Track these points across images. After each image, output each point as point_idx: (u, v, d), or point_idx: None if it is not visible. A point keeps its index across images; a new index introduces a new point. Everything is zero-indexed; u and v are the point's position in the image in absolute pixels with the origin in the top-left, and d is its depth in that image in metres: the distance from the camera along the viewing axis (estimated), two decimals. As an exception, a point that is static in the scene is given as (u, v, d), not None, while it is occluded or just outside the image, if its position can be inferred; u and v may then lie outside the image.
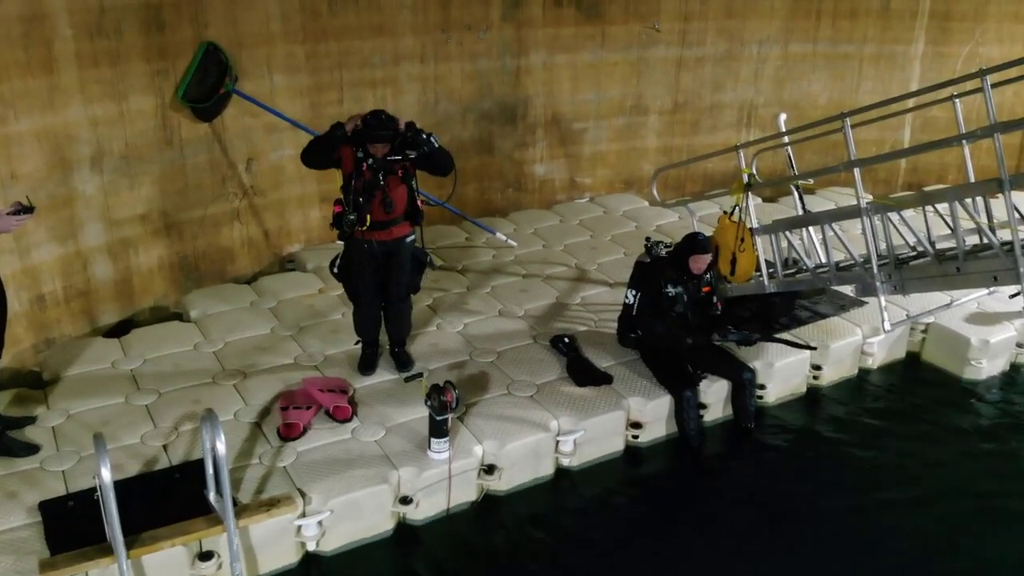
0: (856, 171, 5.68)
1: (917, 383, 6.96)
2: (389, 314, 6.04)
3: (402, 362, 6.14)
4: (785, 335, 6.66)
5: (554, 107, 9.51)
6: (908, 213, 5.95)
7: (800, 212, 7.12)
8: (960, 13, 10.00)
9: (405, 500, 5.18)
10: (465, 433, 5.50)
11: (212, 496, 4.76)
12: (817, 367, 6.72)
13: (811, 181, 7.17)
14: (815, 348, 6.53)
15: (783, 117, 7.28)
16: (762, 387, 6.46)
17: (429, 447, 5.25)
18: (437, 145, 5.63)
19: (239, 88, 7.45)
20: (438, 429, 5.18)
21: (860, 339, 6.84)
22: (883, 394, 6.82)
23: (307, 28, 7.91)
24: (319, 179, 8.22)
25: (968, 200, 5.44)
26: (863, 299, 6.87)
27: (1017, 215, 4.89)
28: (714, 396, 6.22)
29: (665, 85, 9.90)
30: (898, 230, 5.88)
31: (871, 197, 6.20)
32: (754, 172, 7.31)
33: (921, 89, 5.54)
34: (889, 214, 5.75)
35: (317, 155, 5.68)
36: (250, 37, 7.57)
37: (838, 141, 6.77)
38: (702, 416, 6.16)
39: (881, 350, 6.99)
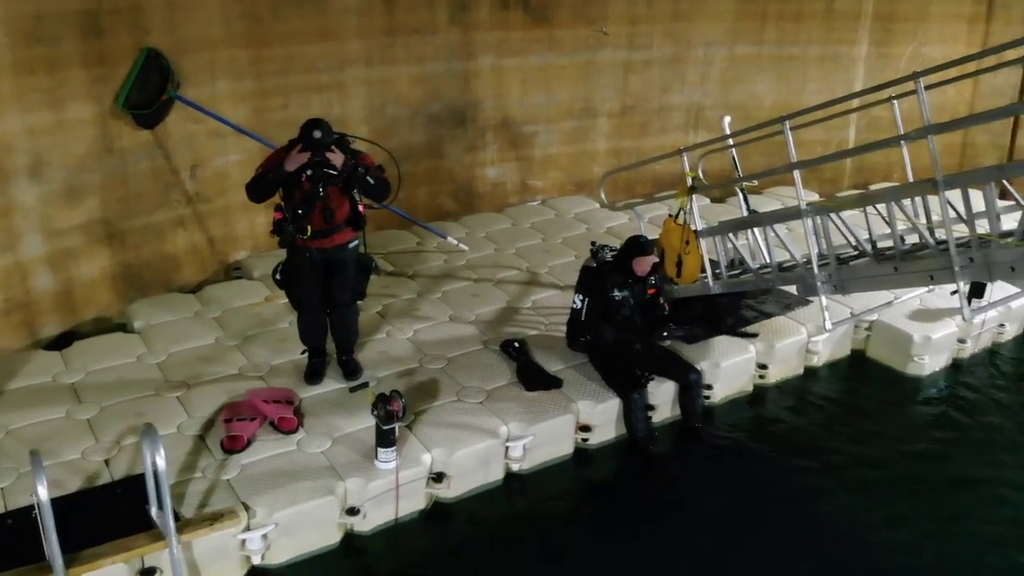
0: (796, 173, 5.75)
1: (862, 380, 7.09)
2: (335, 321, 5.98)
3: (350, 370, 6.08)
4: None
5: (504, 110, 9.50)
6: (855, 213, 6.06)
7: (745, 213, 7.20)
8: (903, 14, 10.20)
9: (352, 511, 5.13)
10: (413, 441, 5.47)
11: (154, 511, 4.68)
12: (763, 366, 6.81)
13: (756, 183, 7.24)
14: (756, 335, 6.68)
15: (727, 120, 7.35)
16: (709, 387, 6.52)
17: (376, 457, 5.21)
18: (373, 182, 5.65)
19: (181, 94, 7.34)
20: (385, 439, 5.15)
21: (805, 338, 6.93)
22: (828, 391, 6.93)
23: (250, 33, 7.83)
24: (266, 185, 8.13)
25: (908, 200, 5.55)
26: (808, 298, 6.96)
27: (954, 215, 4.98)
28: (662, 397, 6.27)
29: (613, 88, 9.95)
30: (840, 230, 5.97)
31: (816, 197, 6.29)
32: (699, 175, 7.41)
33: (858, 92, 5.66)
34: (830, 215, 5.83)
35: (260, 193, 5.65)
36: (192, 43, 7.46)
37: (784, 142, 6.86)
38: (650, 417, 6.20)
39: (826, 348, 7.09)
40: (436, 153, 9.20)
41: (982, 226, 4.85)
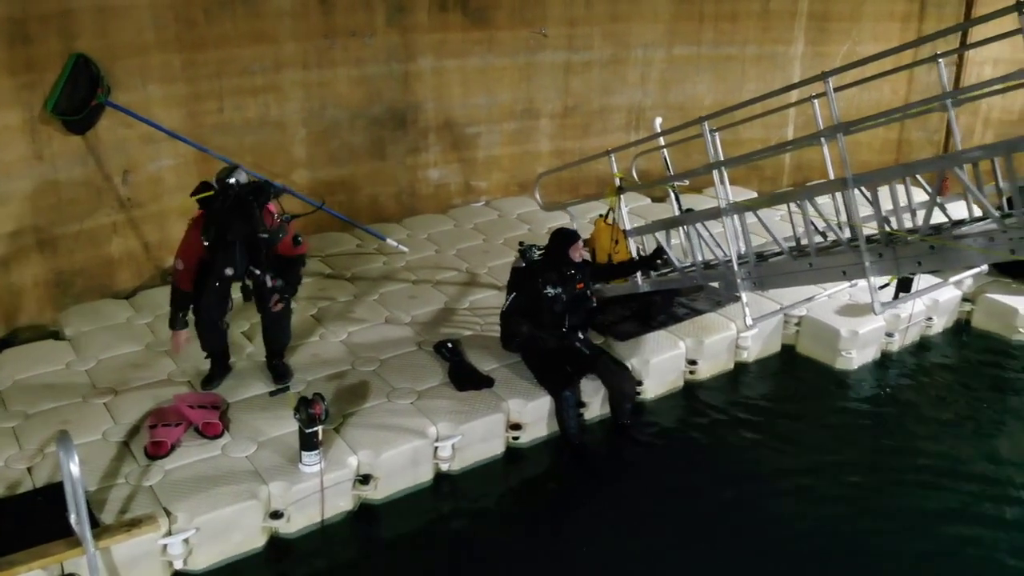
0: (715, 173, 5.86)
1: (791, 375, 7.22)
2: (265, 324, 5.98)
3: (279, 374, 6.08)
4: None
5: (445, 112, 9.53)
6: (795, 211, 6.12)
7: (677, 212, 7.30)
8: (837, 13, 10.39)
9: (276, 515, 5.14)
10: (340, 444, 5.49)
11: (73, 518, 4.65)
12: (693, 362, 6.90)
13: (687, 182, 7.34)
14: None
15: (659, 120, 7.46)
16: (639, 383, 6.60)
17: (300, 460, 5.22)
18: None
19: (112, 100, 7.28)
20: (308, 442, 5.16)
21: (734, 334, 7.04)
22: (758, 387, 7.06)
23: (183, 37, 7.78)
24: (202, 189, 8.10)
25: (830, 198, 5.65)
26: (738, 294, 7.06)
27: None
28: (593, 395, 6.33)
29: (555, 89, 10.02)
30: (765, 227, 6.07)
31: (755, 195, 6.36)
32: (633, 175, 7.51)
33: (771, 92, 5.73)
34: (751, 214, 5.94)
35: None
36: (123, 48, 7.40)
37: (723, 141, 6.95)
38: (582, 414, 6.26)
39: (756, 344, 7.21)
40: (377, 155, 9.21)
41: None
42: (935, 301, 7.56)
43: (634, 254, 6.76)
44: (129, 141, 7.61)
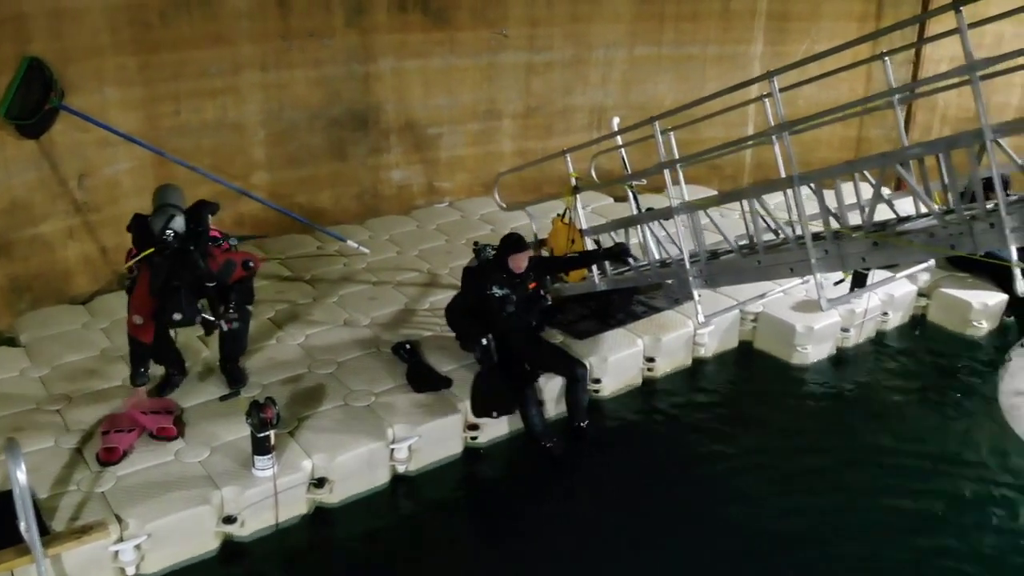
0: (666, 172, 5.90)
1: (748, 370, 7.29)
2: (221, 336, 5.91)
3: (234, 378, 6.05)
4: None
5: (407, 113, 9.53)
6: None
7: (635, 212, 7.35)
8: (796, 13, 10.48)
9: (229, 519, 5.12)
10: (295, 447, 5.48)
11: (22, 526, 4.62)
12: (651, 359, 6.95)
13: (643, 181, 7.39)
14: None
15: (616, 120, 7.50)
16: (597, 381, 6.64)
17: (253, 465, 5.20)
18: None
19: (67, 103, 7.21)
20: (260, 446, 5.15)
21: (691, 331, 7.10)
22: (715, 383, 7.13)
23: (139, 40, 7.73)
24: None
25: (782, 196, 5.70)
26: (691, 292, 7.12)
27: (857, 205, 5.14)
28: (549, 393, 6.36)
29: (516, 90, 10.05)
30: (715, 226, 6.14)
31: (714, 193, 6.40)
32: (592, 174, 7.55)
33: (718, 91, 5.78)
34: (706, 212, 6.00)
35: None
36: (78, 51, 7.34)
37: (684, 140, 6.99)
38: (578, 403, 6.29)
39: (713, 340, 7.28)
40: (338, 156, 9.19)
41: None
42: (890, 296, 7.66)
43: (590, 252, 6.79)
44: (85, 145, 7.55)
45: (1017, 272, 4.27)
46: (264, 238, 6.50)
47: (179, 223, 5.36)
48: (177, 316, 5.30)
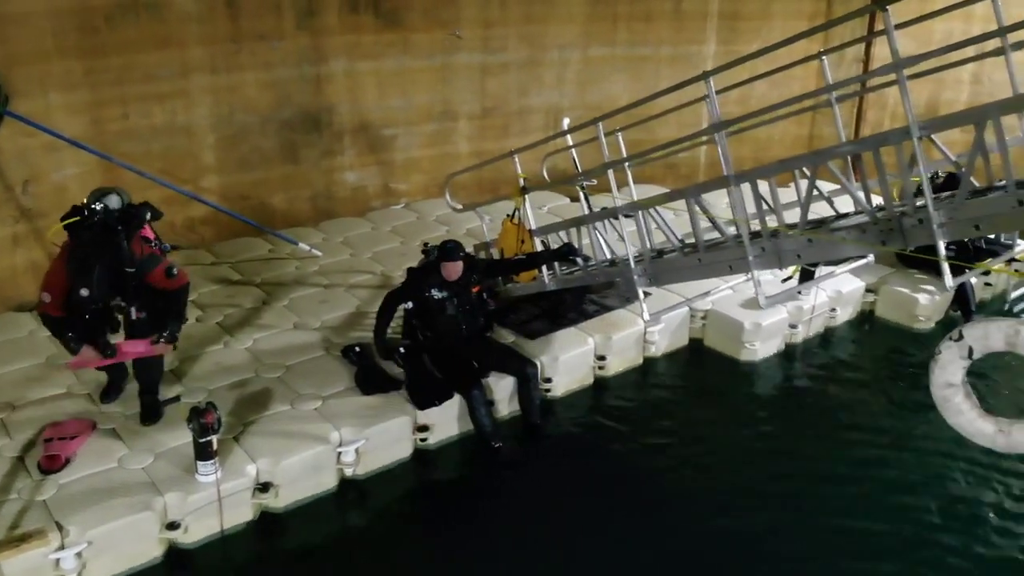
0: (610, 172, 5.95)
1: (698, 368, 7.36)
2: (136, 361, 5.67)
3: (146, 412, 5.71)
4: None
5: (360, 114, 9.51)
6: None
7: (586, 212, 7.36)
8: (747, 13, 10.58)
9: (173, 525, 5.09)
10: (239, 452, 5.44)
11: (-40, 537, 4.57)
12: (602, 357, 6.98)
13: (594, 181, 7.42)
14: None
15: (566, 121, 7.52)
16: (548, 380, 6.67)
17: (196, 470, 5.17)
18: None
19: (11, 109, 7.12)
20: (202, 452, 5.11)
21: (642, 329, 7.14)
22: (666, 380, 7.19)
23: (84, 44, 7.65)
24: (108, 198, 7.97)
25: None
26: (646, 290, 7.18)
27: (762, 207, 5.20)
28: (500, 393, 6.37)
29: (472, 91, 10.06)
30: (667, 226, 6.17)
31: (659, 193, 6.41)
32: (544, 175, 7.58)
33: (659, 91, 5.82)
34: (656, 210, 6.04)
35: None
36: (22, 55, 7.25)
37: (638, 140, 7.03)
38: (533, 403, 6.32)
39: (663, 338, 7.34)
40: (290, 159, 9.15)
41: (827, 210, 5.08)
42: (838, 293, 7.76)
43: (540, 253, 6.81)
44: (31, 150, 7.45)
45: (945, 267, 4.34)
46: (197, 249, 6.41)
47: (113, 201, 5.24)
48: (84, 291, 5.06)
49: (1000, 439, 4.38)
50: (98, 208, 5.15)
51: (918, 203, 4.42)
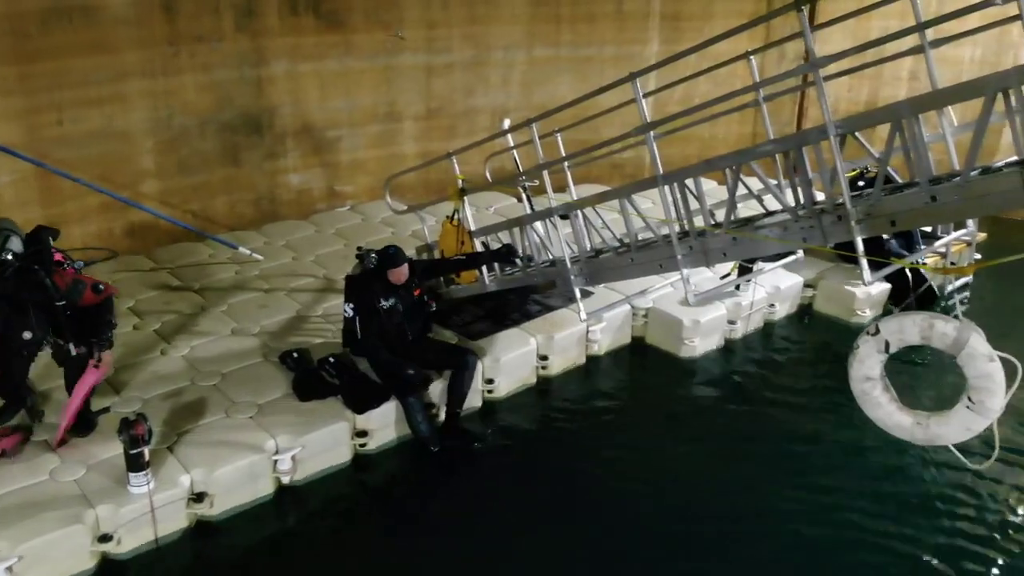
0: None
1: (639, 365, 7.44)
2: (67, 378, 5.55)
3: (83, 425, 5.59)
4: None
5: (303, 116, 9.46)
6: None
7: (529, 211, 7.40)
8: (688, 13, 10.69)
9: (105, 537, 5.02)
10: (172, 462, 5.39)
11: None
12: (544, 357, 7.02)
13: (536, 182, 7.44)
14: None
15: (507, 122, 7.55)
16: (491, 381, 6.68)
17: (128, 482, 5.11)
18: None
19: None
20: (134, 463, 5.06)
21: (584, 328, 7.19)
22: (606, 378, 7.26)
23: (17, 49, 7.53)
24: (44, 204, 7.87)
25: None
26: (590, 289, 7.24)
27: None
28: (439, 396, 6.36)
29: (416, 91, 10.05)
30: (606, 226, 6.23)
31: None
32: (487, 176, 7.59)
33: (592, 92, 5.86)
34: (585, 212, 6.09)
35: None
36: (-48, 61, 7.13)
37: (586, 140, 7.03)
38: (436, 415, 6.29)
39: (606, 337, 7.39)
40: (232, 162, 9.07)
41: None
42: (777, 288, 7.88)
43: (479, 254, 6.83)
44: (-39, 158, 7.33)
45: (864, 263, 4.43)
46: (111, 258, 6.30)
47: (16, 243, 5.12)
48: (27, 335, 5.07)
49: (918, 432, 4.48)
50: (9, 259, 5.02)
51: (837, 200, 4.50)
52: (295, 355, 6.48)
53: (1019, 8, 3.78)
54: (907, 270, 7.36)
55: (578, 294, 5.98)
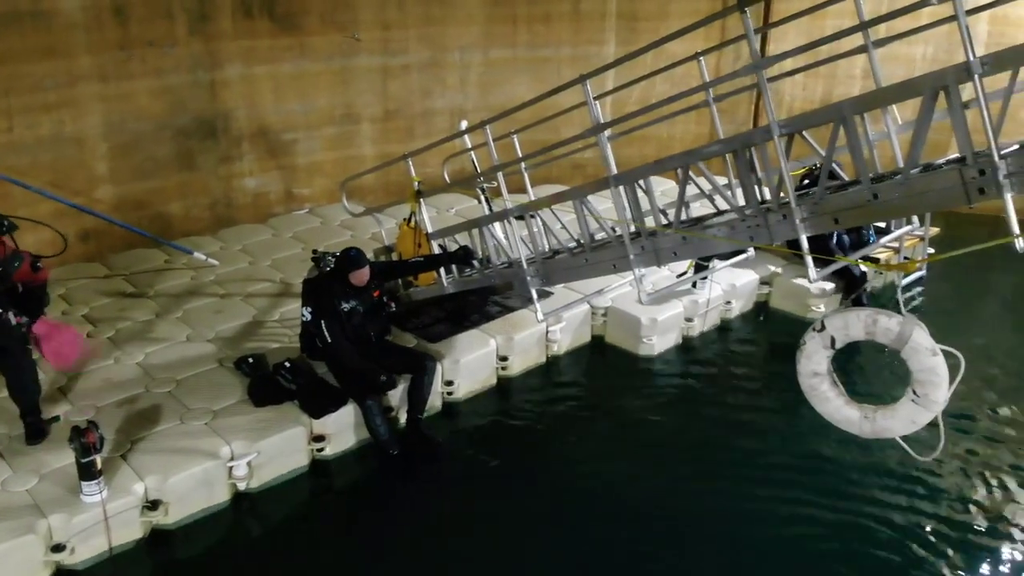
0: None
1: (599, 364, 7.50)
2: (6, 377, 5.55)
3: (31, 432, 5.57)
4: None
5: (258, 119, 9.39)
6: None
7: (487, 213, 7.41)
8: (644, 13, 10.77)
9: (58, 547, 4.96)
10: (126, 470, 5.34)
11: None
12: (504, 358, 7.04)
13: (494, 183, 7.46)
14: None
15: (464, 123, 7.55)
16: (450, 383, 6.69)
17: (80, 491, 5.05)
18: None
19: None
20: (86, 472, 5.00)
21: (543, 328, 7.22)
22: (566, 378, 7.31)
23: (-35, 55, 7.40)
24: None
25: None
26: (548, 289, 7.28)
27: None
28: (399, 400, 6.36)
29: (373, 93, 10.02)
30: (563, 227, 6.25)
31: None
32: (445, 177, 7.59)
33: (542, 95, 5.89)
34: (542, 214, 6.13)
35: None
36: (-102, 67, 6.98)
37: (546, 141, 7.05)
38: (398, 418, 6.29)
39: (566, 336, 7.44)
40: (187, 166, 8.99)
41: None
42: (733, 286, 7.98)
43: (436, 256, 6.84)
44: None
45: (809, 260, 4.51)
46: (58, 255, 6.23)
47: None
48: None
49: (866, 425, 4.56)
50: None
51: (781, 199, 4.57)
52: (250, 360, 6.44)
53: (954, 9, 3.86)
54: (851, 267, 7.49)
55: (535, 295, 6.00)
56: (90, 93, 8.22)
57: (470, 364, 6.83)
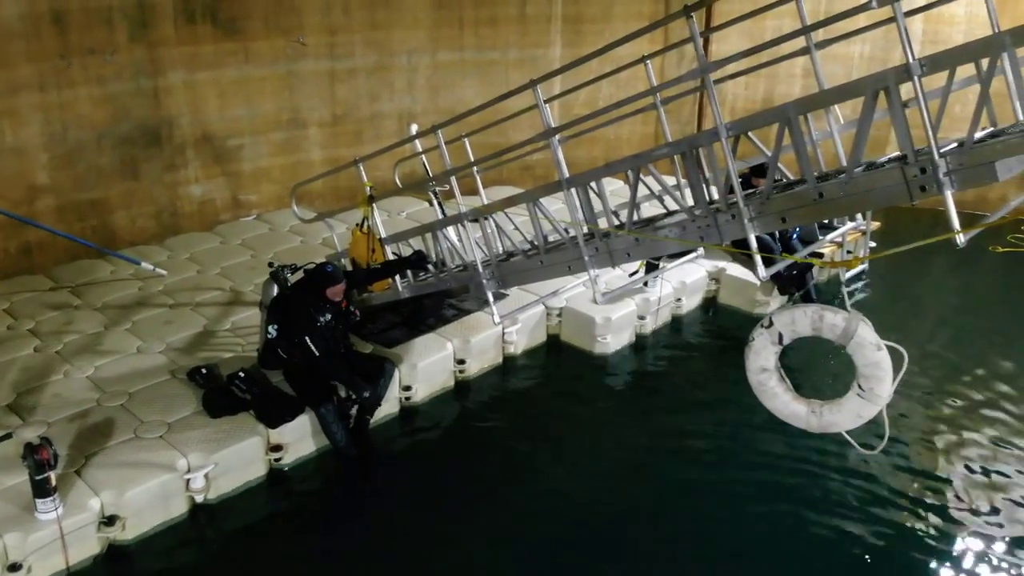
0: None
1: (556, 363, 7.59)
2: None
3: None
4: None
5: (203, 125, 9.28)
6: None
7: (440, 216, 7.42)
8: (589, 16, 10.87)
9: (14, 567, 4.87)
10: (81, 486, 5.25)
11: None
12: (462, 361, 7.07)
13: (447, 187, 7.47)
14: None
15: (414, 127, 7.58)
16: (408, 388, 6.70)
17: (35, 508, 4.96)
18: None
19: None
20: (40, 488, 4.92)
21: (500, 330, 7.27)
22: (523, 378, 7.39)
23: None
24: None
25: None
26: (504, 291, 7.33)
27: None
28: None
29: (320, 97, 9.96)
30: (517, 229, 6.30)
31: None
32: (396, 181, 7.58)
33: (492, 100, 5.93)
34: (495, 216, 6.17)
35: None
36: None
37: (497, 144, 7.07)
38: (351, 425, 6.27)
39: (522, 337, 7.51)
40: (130, 175, 8.84)
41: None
42: (683, 283, 8.12)
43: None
44: None
45: (758, 259, 4.63)
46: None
47: None
48: None
49: (813, 420, 4.69)
50: None
51: (729, 199, 4.68)
52: (204, 371, 6.38)
53: (893, 12, 4.00)
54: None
55: (491, 297, 6.04)
56: (30, 102, 8.04)
57: (427, 368, 6.85)
